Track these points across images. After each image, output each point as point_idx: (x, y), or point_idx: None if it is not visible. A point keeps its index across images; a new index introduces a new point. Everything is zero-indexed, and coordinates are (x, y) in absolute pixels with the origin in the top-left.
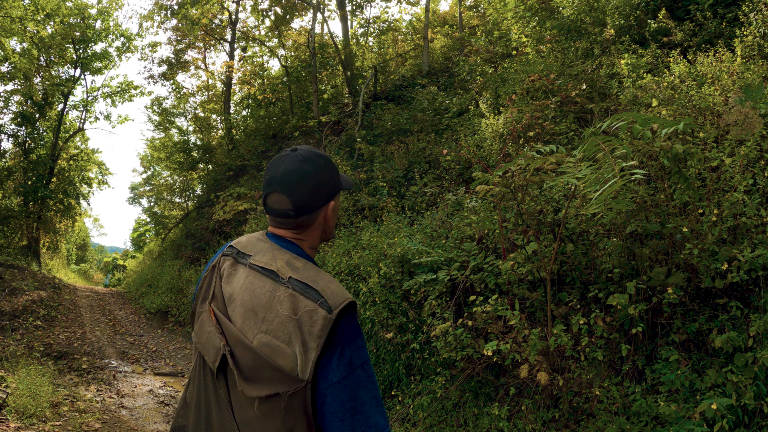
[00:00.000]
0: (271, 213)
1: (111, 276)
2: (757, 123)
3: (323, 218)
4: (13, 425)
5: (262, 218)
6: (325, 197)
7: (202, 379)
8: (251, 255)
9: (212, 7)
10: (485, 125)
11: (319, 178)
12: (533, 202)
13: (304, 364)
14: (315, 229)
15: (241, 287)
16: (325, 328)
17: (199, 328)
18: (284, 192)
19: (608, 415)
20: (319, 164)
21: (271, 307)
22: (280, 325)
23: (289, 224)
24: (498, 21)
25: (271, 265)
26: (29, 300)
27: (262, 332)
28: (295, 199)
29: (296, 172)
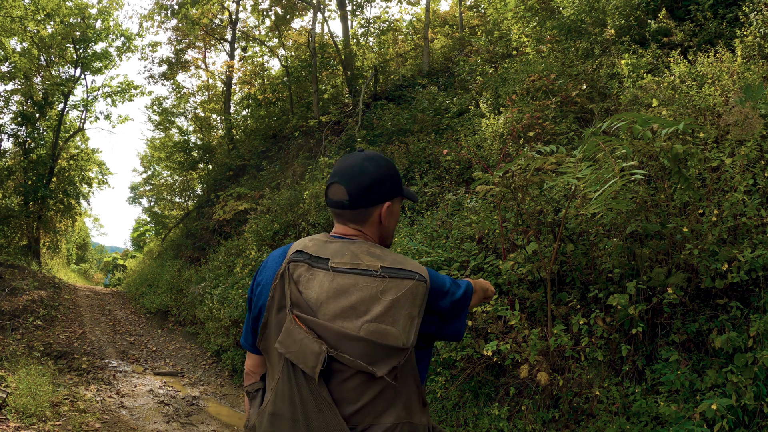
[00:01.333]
0: (329, 204)
1: (111, 276)
2: (757, 123)
3: (378, 217)
4: (13, 425)
5: (262, 218)
6: (381, 195)
7: (294, 387)
8: (328, 258)
9: (212, 7)
10: (485, 125)
11: (376, 176)
12: (533, 202)
13: (408, 332)
14: (371, 227)
15: (329, 290)
16: (425, 297)
17: (285, 338)
18: (342, 182)
19: (608, 415)
20: (380, 164)
21: (372, 299)
22: (384, 311)
23: (346, 216)
24: (498, 21)
25: (357, 263)
26: (29, 300)
27: (368, 322)
28: (351, 190)
29: (357, 166)
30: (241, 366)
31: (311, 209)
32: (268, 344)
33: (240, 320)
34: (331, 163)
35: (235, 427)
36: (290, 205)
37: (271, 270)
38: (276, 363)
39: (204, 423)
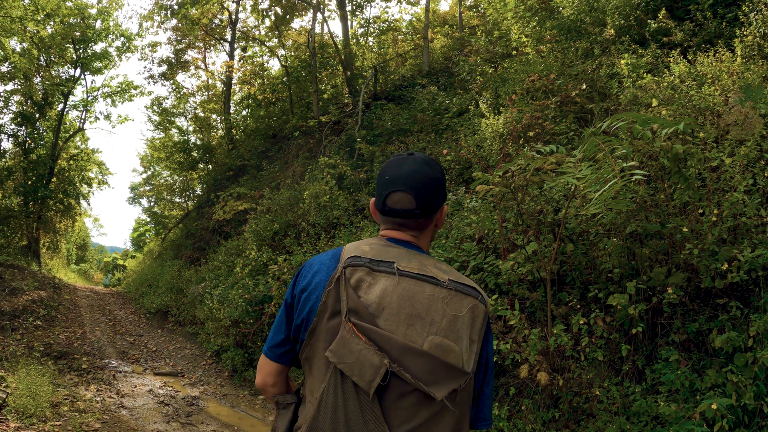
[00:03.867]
0: (392, 213)
1: (111, 276)
2: (757, 123)
3: (436, 221)
4: (13, 425)
5: (262, 218)
6: (442, 199)
7: (340, 400)
8: (393, 262)
9: (212, 7)
10: (485, 125)
11: (440, 181)
12: (533, 202)
13: (468, 356)
14: (429, 231)
15: (395, 295)
16: (485, 320)
17: (340, 347)
18: (410, 191)
19: (608, 415)
20: (438, 168)
21: (437, 309)
22: (448, 324)
23: (411, 225)
24: (498, 21)
25: (425, 270)
26: (29, 300)
27: (432, 334)
28: (421, 199)
29: (420, 173)
30: (240, 366)
31: (311, 209)
32: (313, 352)
33: (240, 320)
34: (331, 163)
35: (235, 427)
36: (290, 205)
37: (322, 274)
38: (321, 373)
39: (204, 423)
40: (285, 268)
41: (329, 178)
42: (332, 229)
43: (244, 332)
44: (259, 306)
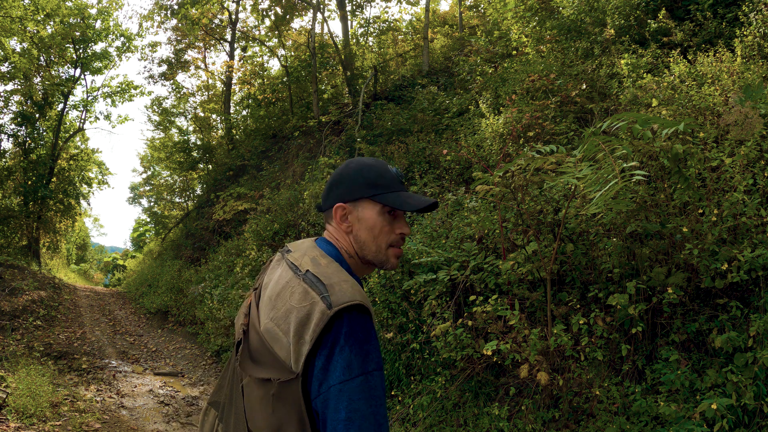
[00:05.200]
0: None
1: (111, 276)
2: (757, 123)
3: (338, 220)
4: (13, 425)
5: (262, 218)
6: (335, 196)
7: (232, 359)
8: (292, 251)
9: (212, 7)
10: (485, 125)
11: (337, 177)
12: (533, 202)
13: (296, 355)
14: (339, 232)
15: (273, 279)
16: (320, 323)
17: (238, 311)
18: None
19: (608, 415)
20: (349, 165)
21: (282, 296)
22: (284, 314)
23: (322, 217)
24: (498, 21)
25: (298, 260)
26: (29, 300)
27: (269, 319)
28: (323, 195)
29: (334, 172)
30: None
31: (311, 209)
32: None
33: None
34: (331, 163)
35: None
36: (290, 205)
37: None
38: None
39: None
40: None
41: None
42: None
43: None
44: None
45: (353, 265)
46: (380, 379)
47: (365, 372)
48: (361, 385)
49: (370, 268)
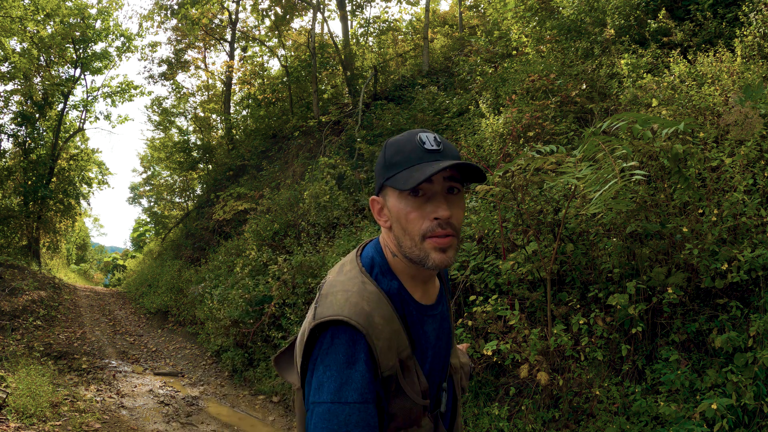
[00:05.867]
0: None
1: (111, 276)
2: (757, 123)
3: (377, 216)
4: (13, 425)
5: (262, 218)
6: (376, 188)
7: None
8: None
9: (212, 7)
10: (485, 125)
11: (376, 166)
12: (533, 202)
13: (296, 366)
14: (383, 228)
15: None
16: (305, 335)
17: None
18: None
19: (608, 415)
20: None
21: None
22: (303, 327)
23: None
24: (498, 21)
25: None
26: (29, 300)
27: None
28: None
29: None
30: (240, 366)
31: (311, 209)
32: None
33: (240, 320)
34: (331, 163)
35: (235, 427)
36: (290, 205)
37: None
38: None
39: (204, 423)
40: (285, 268)
41: (329, 178)
42: (332, 229)
43: (244, 332)
44: (259, 306)
45: (397, 266)
46: (364, 414)
47: (338, 401)
48: (329, 414)
49: (422, 269)
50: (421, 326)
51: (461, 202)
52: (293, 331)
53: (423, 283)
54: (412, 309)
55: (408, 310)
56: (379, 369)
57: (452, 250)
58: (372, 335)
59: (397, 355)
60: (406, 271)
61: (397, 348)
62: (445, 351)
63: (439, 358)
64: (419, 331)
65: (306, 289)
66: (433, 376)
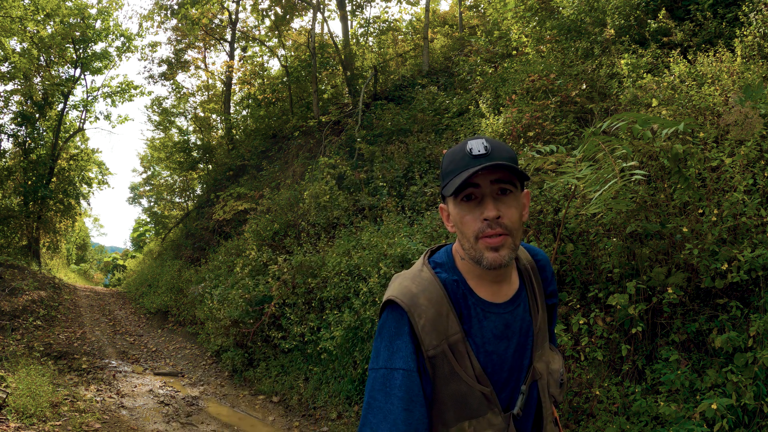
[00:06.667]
0: None
1: (111, 276)
2: (757, 123)
3: (446, 222)
4: (13, 425)
5: (262, 218)
6: (441, 197)
7: None
8: None
9: (212, 7)
10: (485, 125)
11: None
12: (533, 202)
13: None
14: (450, 231)
15: None
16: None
17: None
18: None
19: (608, 415)
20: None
21: None
22: None
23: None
24: (498, 21)
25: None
26: (29, 300)
27: None
28: None
29: None
30: (240, 366)
31: (311, 209)
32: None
33: (240, 320)
34: (331, 163)
35: (235, 427)
36: (290, 205)
37: None
38: None
39: (204, 423)
40: (285, 268)
41: (329, 178)
42: (332, 229)
43: (244, 332)
44: (259, 306)
45: (464, 267)
46: (407, 380)
47: (388, 367)
48: (383, 379)
49: (486, 270)
50: (480, 320)
51: (514, 202)
52: (293, 331)
53: (493, 283)
54: (471, 302)
55: (467, 303)
56: (423, 345)
57: (506, 249)
58: (414, 313)
59: (444, 336)
60: (472, 271)
61: (446, 330)
62: (520, 352)
63: (505, 358)
64: (477, 324)
65: (306, 289)
66: (498, 373)
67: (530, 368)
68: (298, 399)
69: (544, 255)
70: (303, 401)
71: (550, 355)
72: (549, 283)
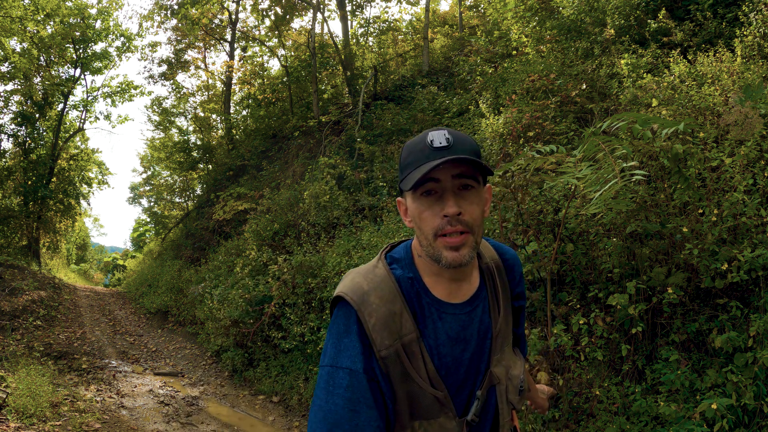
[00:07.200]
0: None
1: (111, 276)
2: (757, 123)
3: (403, 217)
4: (13, 425)
5: (262, 218)
6: (398, 190)
7: None
8: None
9: (212, 7)
10: (485, 125)
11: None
12: (533, 202)
13: None
14: (408, 226)
15: None
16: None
17: None
18: None
19: (608, 415)
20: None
21: None
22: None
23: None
24: (498, 21)
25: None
26: (29, 300)
27: None
28: None
29: None
30: (240, 366)
31: (311, 209)
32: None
33: (240, 320)
34: (331, 163)
35: (235, 427)
36: (290, 205)
37: None
38: None
39: (204, 423)
40: (285, 268)
41: (329, 178)
42: (332, 229)
43: (244, 332)
44: (259, 306)
45: (422, 264)
46: (353, 380)
47: (333, 366)
48: (327, 377)
49: (444, 268)
50: (434, 321)
51: (476, 198)
52: (293, 331)
53: (451, 281)
54: (425, 302)
55: (421, 302)
56: (374, 346)
57: (467, 248)
58: (364, 311)
59: (398, 336)
60: (429, 269)
61: (399, 330)
62: (477, 356)
63: (461, 361)
64: (431, 324)
65: (306, 289)
66: (453, 376)
67: (487, 373)
68: (298, 399)
69: (514, 254)
70: (303, 401)
71: (510, 360)
72: (517, 284)
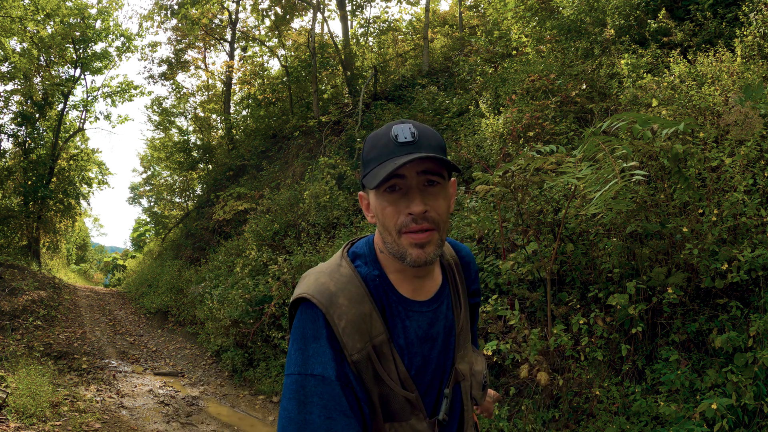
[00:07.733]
0: None
1: (111, 276)
2: (757, 123)
3: (365, 211)
4: (13, 425)
5: (262, 218)
6: (360, 184)
7: None
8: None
9: (212, 7)
10: (485, 125)
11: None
12: (533, 202)
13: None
14: (370, 222)
15: None
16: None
17: None
18: None
19: (608, 415)
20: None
21: None
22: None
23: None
24: (498, 21)
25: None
26: (29, 300)
27: None
28: None
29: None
30: (240, 366)
31: (311, 209)
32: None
33: (240, 320)
34: (331, 163)
35: (235, 427)
36: (290, 205)
37: None
38: None
39: (204, 423)
40: (285, 268)
41: (329, 178)
42: (332, 229)
43: (244, 332)
44: (259, 306)
45: (384, 260)
46: (327, 387)
47: (303, 373)
48: (295, 386)
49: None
50: (402, 320)
51: (442, 193)
52: None
53: (415, 278)
54: (392, 300)
55: (388, 300)
56: (345, 350)
57: (432, 246)
58: (333, 314)
59: (369, 338)
60: (392, 266)
61: (369, 332)
62: (444, 353)
63: (429, 360)
64: (399, 323)
65: None
66: (423, 376)
67: (452, 369)
68: None
69: (469, 251)
70: None
71: (473, 356)
72: (473, 282)
